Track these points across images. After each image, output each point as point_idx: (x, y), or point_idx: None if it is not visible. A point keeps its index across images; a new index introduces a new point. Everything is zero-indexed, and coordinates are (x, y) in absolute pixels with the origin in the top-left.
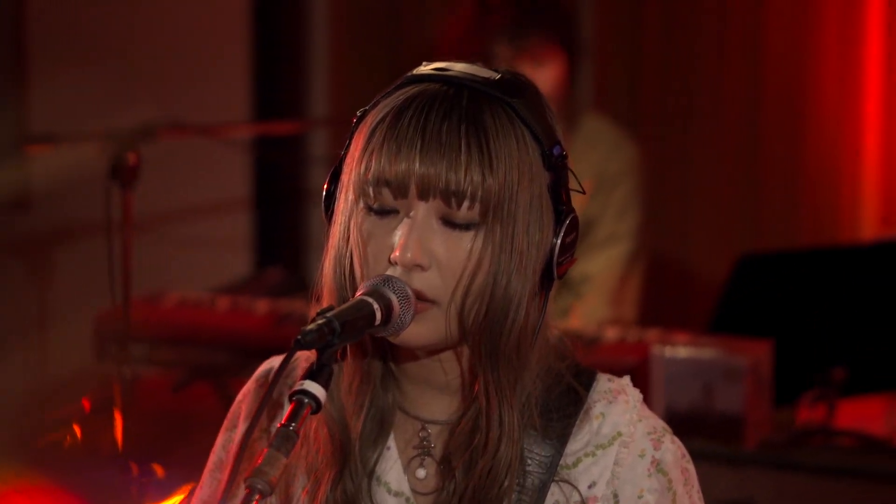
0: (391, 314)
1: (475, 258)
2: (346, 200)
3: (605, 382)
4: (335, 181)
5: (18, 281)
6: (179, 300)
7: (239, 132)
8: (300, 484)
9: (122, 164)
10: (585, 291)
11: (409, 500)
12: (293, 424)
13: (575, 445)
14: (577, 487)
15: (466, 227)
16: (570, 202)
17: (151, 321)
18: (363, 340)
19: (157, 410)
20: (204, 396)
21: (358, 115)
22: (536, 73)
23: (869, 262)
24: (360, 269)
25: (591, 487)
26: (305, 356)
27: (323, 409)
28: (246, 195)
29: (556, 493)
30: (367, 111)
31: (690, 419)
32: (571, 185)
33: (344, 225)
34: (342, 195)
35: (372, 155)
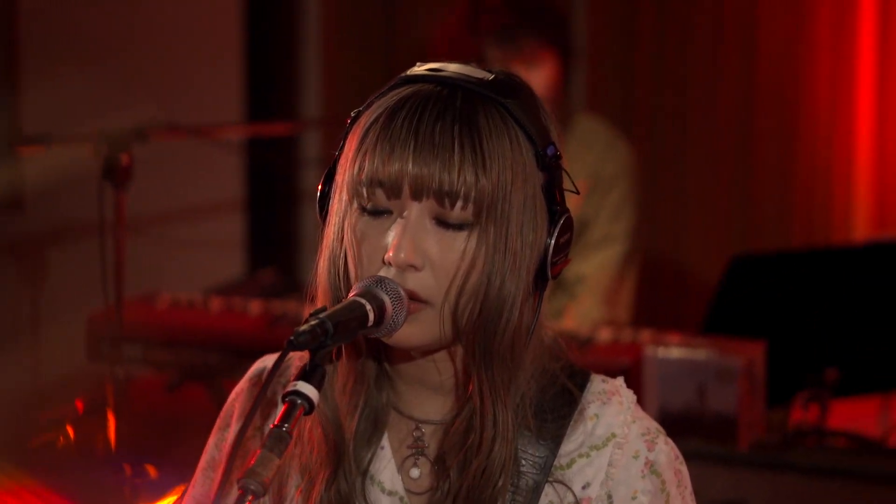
0: (384, 315)
1: (469, 258)
2: (340, 201)
3: (599, 383)
4: (329, 181)
5: (11, 281)
6: (172, 301)
7: (232, 133)
8: (294, 483)
9: (114, 164)
10: (579, 292)
11: (402, 499)
12: (286, 425)
13: (569, 446)
14: (571, 488)
15: (460, 227)
16: (563, 202)
17: (145, 322)
18: (357, 341)
19: (150, 411)
20: (197, 397)
21: (352, 115)
22: (529, 74)
23: (861, 263)
24: (353, 269)
25: (584, 488)
26: (299, 355)
27: (317, 408)
28: (239, 196)
29: (550, 493)
30: (361, 112)
31: (684, 420)
32: (566, 185)
33: (338, 225)
34: (336, 195)
35: (365, 155)
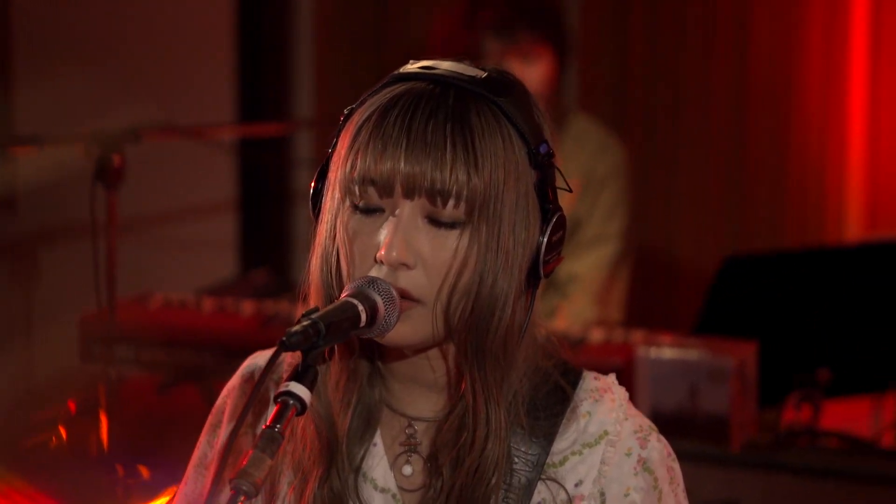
0: (376, 316)
1: (461, 257)
2: (332, 199)
3: (591, 381)
4: (322, 179)
5: (3, 282)
6: (165, 301)
7: (224, 134)
8: (286, 480)
9: (107, 165)
10: (572, 292)
11: (395, 496)
12: (278, 426)
13: (562, 444)
14: (563, 486)
15: (452, 225)
16: (556, 200)
17: (137, 322)
18: (350, 338)
19: (142, 412)
20: (190, 398)
21: (345, 112)
22: (525, 69)
23: (854, 263)
24: (346, 267)
25: (577, 486)
26: (289, 353)
27: (310, 406)
28: (231, 196)
29: (542, 491)
30: (353, 109)
31: (676, 420)
32: (558, 183)
33: (330, 223)
34: (329, 193)
35: (358, 153)
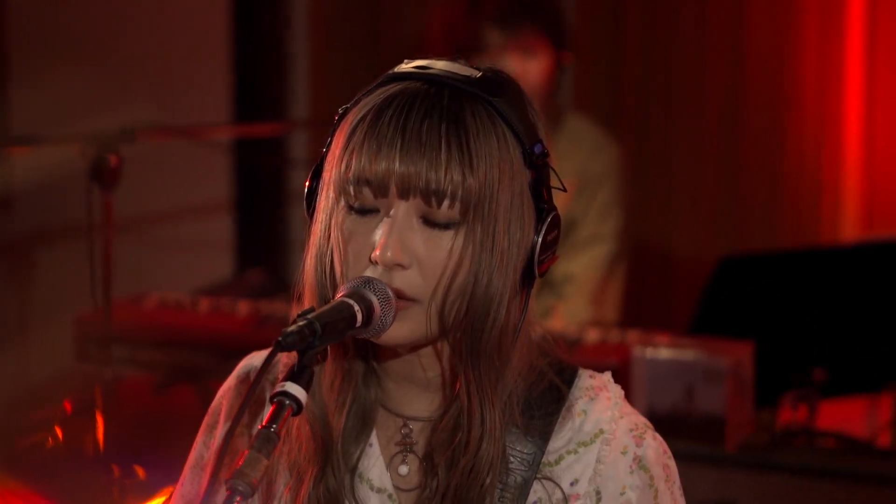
0: (372, 316)
1: (456, 257)
2: (327, 199)
3: (586, 379)
4: (316, 179)
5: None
6: (161, 302)
7: (220, 134)
8: (283, 481)
9: (103, 165)
10: (567, 291)
11: (391, 496)
12: (274, 426)
13: (557, 443)
14: (559, 485)
15: (446, 226)
16: (551, 200)
17: (133, 323)
18: (344, 338)
19: (138, 412)
20: (185, 398)
21: (339, 112)
22: (526, 63)
23: (849, 263)
24: (339, 267)
25: (573, 485)
26: (286, 354)
27: (305, 406)
28: (227, 197)
29: (538, 490)
30: (348, 109)
31: (672, 420)
32: (553, 182)
33: (325, 223)
34: (323, 193)
35: (352, 154)
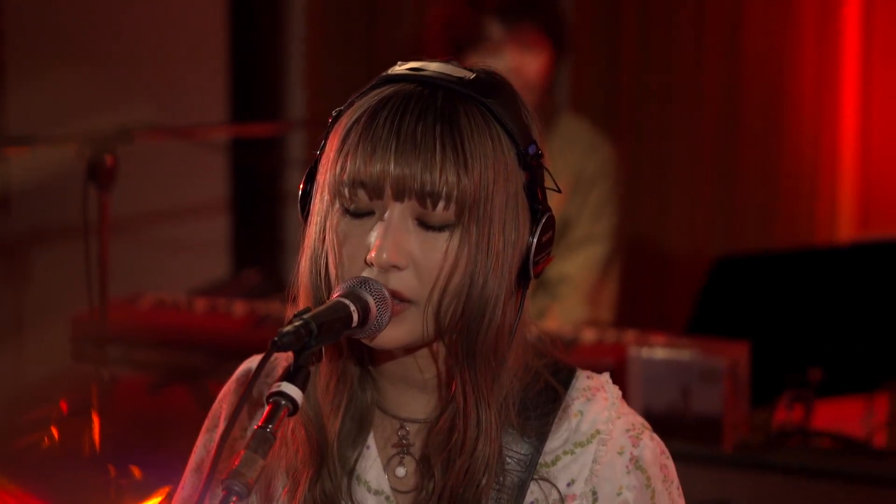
0: (368, 316)
1: (451, 258)
2: (321, 201)
3: (584, 380)
4: (311, 181)
5: None
6: (157, 302)
7: (216, 134)
8: (280, 484)
9: (99, 165)
10: (562, 292)
11: (388, 498)
12: (270, 426)
13: (554, 443)
14: (556, 485)
15: (442, 227)
16: (545, 201)
17: (129, 323)
18: (339, 340)
19: (134, 412)
20: (181, 398)
21: (333, 114)
22: (525, 58)
23: (846, 264)
24: (335, 270)
25: (569, 485)
26: (286, 355)
27: (300, 409)
28: (223, 197)
29: (535, 491)
30: (342, 111)
31: (668, 420)
32: (547, 183)
33: (319, 226)
34: (318, 196)
35: (347, 156)
